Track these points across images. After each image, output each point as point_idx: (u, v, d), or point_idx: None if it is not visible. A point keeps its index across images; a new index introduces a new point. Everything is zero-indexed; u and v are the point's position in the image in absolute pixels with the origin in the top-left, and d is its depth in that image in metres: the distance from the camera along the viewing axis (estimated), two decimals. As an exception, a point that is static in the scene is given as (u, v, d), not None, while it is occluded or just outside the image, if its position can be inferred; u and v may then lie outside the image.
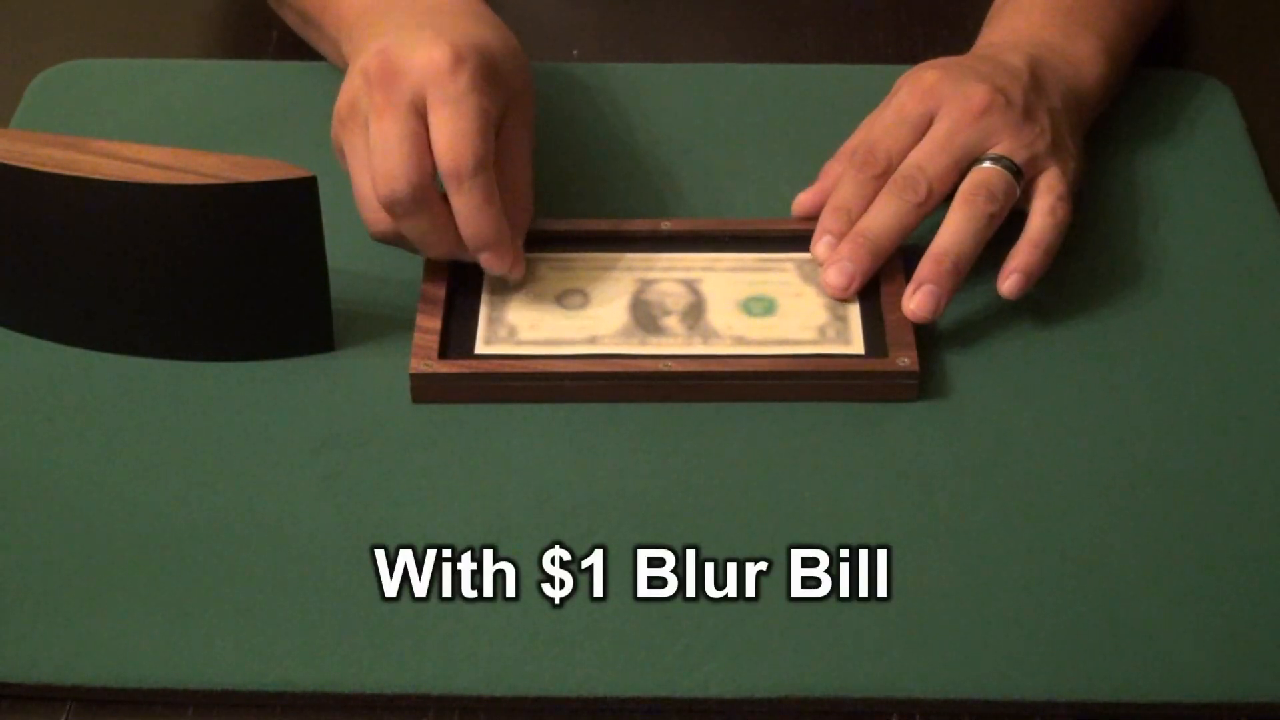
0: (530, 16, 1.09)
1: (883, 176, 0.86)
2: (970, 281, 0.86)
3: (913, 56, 1.03)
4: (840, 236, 0.86)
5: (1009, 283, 0.85)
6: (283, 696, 0.70)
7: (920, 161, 0.86)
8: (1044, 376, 0.83)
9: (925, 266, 0.84)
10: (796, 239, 0.88)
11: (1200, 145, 0.97)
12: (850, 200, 0.86)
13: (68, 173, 0.79)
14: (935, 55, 0.94)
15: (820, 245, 0.86)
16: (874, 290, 0.85)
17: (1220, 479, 0.78)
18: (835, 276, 0.85)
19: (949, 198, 0.86)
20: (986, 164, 0.86)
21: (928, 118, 0.87)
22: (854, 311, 0.84)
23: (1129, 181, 0.95)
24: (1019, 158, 0.86)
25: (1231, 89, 1.01)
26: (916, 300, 0.84)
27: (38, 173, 0.79)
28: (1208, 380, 0.83)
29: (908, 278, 0.85)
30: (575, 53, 1.05)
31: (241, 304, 0.82)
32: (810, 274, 0.86)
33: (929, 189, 0.85)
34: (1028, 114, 0.87)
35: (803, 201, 0.90)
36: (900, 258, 0.86)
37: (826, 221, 0.87)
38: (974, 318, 0.86)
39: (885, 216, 0.85)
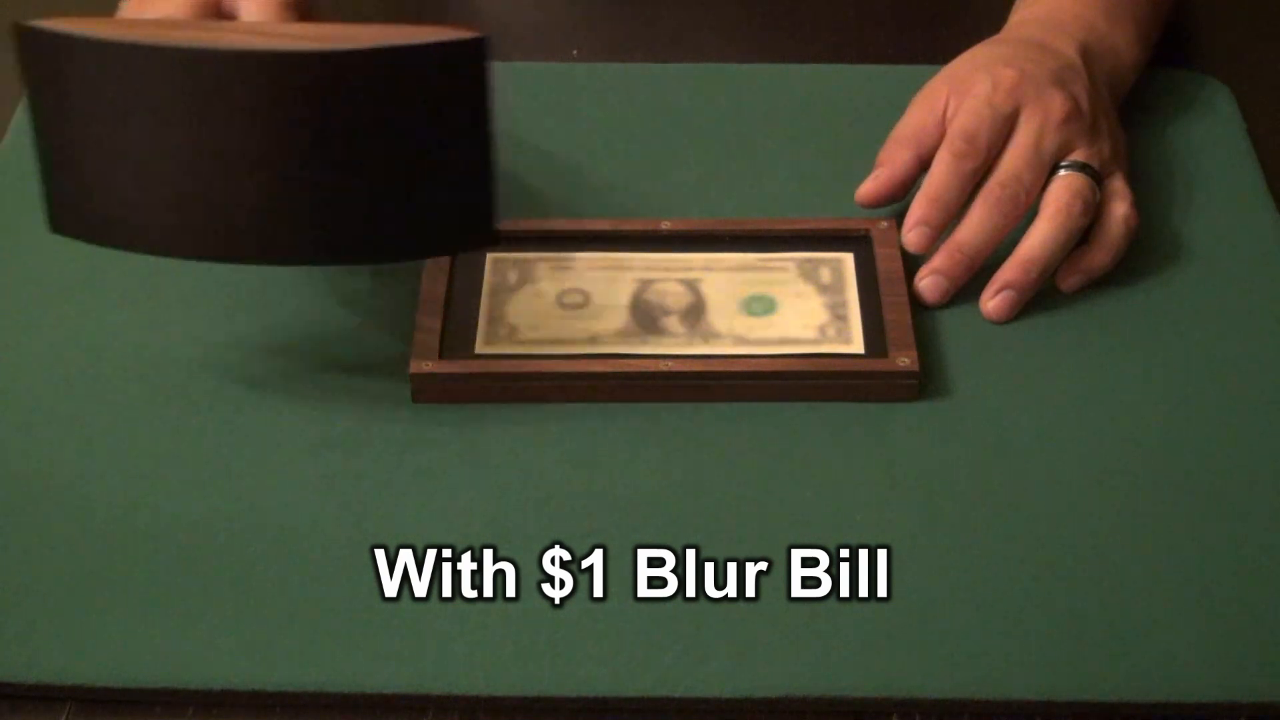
0: (530, 16, 1.09)
1: (979, 170, 0.86)
2: (971, 281, 0.86)
3: (912, 56, 1.03)
4: (935, 227, 0.86)
5: (1072, 280, 0.86)
6: (283, 696, 0.70)
7: (1018, 170, 0.86)
8: (1044, 376, 0.83)
9: (1012, 271, 0.85)
10: (796, 239, 0.88)
11: (1200, 145, 0.97)
12: (947, 191, 0.86)
13: (201, 44, 0.70)
14: (935, 55, 0.94)
15: (913, 234, 0.86)
16: (874, 290, 0.85)
17: (1220, 479, 0.78)
18: (931, 290, 0.85)
19: None
20: (1075, 172, 0.86)
21: (1014, 116, 0.87)
22: (854, 311, 0.84)
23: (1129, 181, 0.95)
24: (1097, 164, 0.87)
25: (1231, 89, 1.01)
26: (995, 303, 0.85)
27: (159, 48, 0.70)
28: (1208, 380, 0.82)
29: (909, 277, 0.85)
30: (575, 53, 1.05)
31: (395, 190, 0.74)
32: (810, 273, 0.86)
33: (1025, 200, 0.86)
34: (1095, 120, 0.88)
35: (867, 191, 0.89)
36: (901, 258, 0.86)
37: (923, 211, 0.86)
38: (974, 318, 0.86)
39: (986, 231, 0.85)
